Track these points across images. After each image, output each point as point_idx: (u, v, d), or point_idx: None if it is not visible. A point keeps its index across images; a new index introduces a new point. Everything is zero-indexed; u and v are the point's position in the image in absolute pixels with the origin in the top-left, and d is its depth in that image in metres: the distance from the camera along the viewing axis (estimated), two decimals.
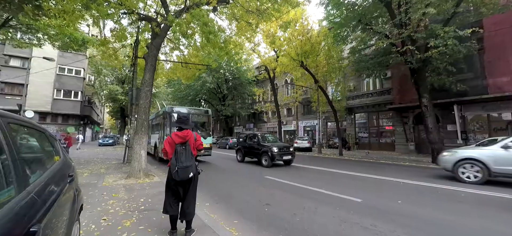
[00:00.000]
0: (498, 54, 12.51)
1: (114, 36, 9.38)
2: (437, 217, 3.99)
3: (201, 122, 12.78)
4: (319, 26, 17.50)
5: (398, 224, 3.70)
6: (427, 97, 11.48)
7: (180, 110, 11.41)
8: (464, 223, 3.75)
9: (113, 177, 7.27)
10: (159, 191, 5.27)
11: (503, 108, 13.21)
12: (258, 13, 9.31)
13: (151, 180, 6.67)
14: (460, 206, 4.59)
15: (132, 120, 9.78)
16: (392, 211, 4.32)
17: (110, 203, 4.53)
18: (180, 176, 2.96)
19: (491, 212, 4.26)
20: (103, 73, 27.26)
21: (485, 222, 3.79)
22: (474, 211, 4.32)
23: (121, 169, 8.90)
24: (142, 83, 7.58)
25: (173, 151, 3.08)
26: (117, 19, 8.29)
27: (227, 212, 4.33)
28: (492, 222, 3.80)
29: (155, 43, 7.98)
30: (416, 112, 16.18)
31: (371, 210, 4.37)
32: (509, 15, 11.78)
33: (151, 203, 4.55)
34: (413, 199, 5.16)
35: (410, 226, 3.63)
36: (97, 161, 11.59)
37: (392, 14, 11.50)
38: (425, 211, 4.34)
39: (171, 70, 14.31)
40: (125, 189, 5.65)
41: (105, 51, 10.28)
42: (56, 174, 1.74)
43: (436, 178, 7.44)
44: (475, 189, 5.85)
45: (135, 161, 6.88)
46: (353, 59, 15.61)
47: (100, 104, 38.84)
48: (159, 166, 10.20)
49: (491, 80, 12.74)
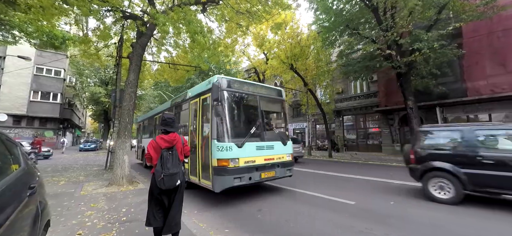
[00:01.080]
0: (476, 59, 13.13)
1: (97, 35, 8.91)
2: (429, 218, 3.96)
3: (270, 111, 6.59)
4: (309, 30, 17.66)
5: (393, 227, 3.64)
6: (412, 100, 11.80)
7: (236, 83, 5.52)
8: (455, 222, 3.74)
9: (93, 185, 6.79)
10: (143, 199, 4.93)
11: (481, 110, 13.87)
12: (248, 15, 9.17)
13: (135, 187, 6.27)
14: (449, 207, 4.62)
15: (115, 123, 9.25)
16: (386, 213, 4.26)
17: (87, 214, 4.14)
18: (166, 184, 2.70)
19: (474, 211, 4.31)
20: (85, 74, 26.02)
21: (478, 221, 3.80)
22: (461, 211, 4.35)
23: (103, 176, 8.37)
24: (126, 84, 7.18)
25: (158, 156, 2.82)
26: (100, 17, 7.86)
27: (217, 220, 4.09)
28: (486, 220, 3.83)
29: (140, 42, 7.62)
30: (402, 115, 16.64)
31: (365, 213, 4.29)
32: (486, 23, 12.41)
33: (134, 213, 4.22)
34: (404, 200, 5.15)
35: (404, 229, 3.56)
36: (76, 168, 10.89)
37: (379, 20, 11.77)
38: (418, 211, 4.31)
39: (158, 72, 13.85)
40: (106, 198, 5.24)
41: (87, 50, 9.74)
42: (10, 186, 1.45)
43: None
44: None
45: (118, 167, 6.46)
46: (341, 63, 15.87)
47: (82, 107, 37.07)
48: (143, 172, 9.72)
49: (469, 84, 13.33)
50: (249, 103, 5.76)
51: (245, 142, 4.90)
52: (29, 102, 23.64)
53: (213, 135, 4.78)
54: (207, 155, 4.96)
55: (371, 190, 6.23)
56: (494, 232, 3.50)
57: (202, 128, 5.40)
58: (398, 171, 9.48)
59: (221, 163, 4.60)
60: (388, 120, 17.91)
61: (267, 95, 6.00)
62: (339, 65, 16.19)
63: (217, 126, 4.80)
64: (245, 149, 4.87)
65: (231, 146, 4.71)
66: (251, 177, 4.92)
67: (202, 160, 5.22)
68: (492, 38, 12.63)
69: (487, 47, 12.76)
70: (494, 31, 12.57)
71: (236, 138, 4.90)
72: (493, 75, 12.48)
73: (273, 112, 6.96)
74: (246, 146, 4.90)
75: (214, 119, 4.84)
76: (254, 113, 5.70)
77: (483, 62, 12.88)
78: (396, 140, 17.46)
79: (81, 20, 11.53)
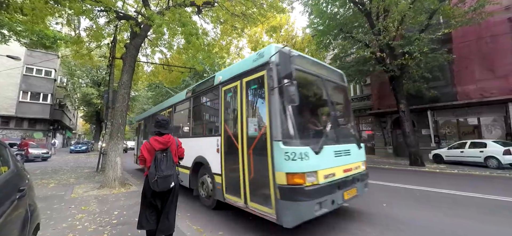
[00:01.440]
0: (465, 64, 13.50)
1: (90, 35, 8.78)
2: (421, 218, 4.04)
3: (337, 101, 4.64)
4: (303, 33, 17.86)
5: (386, 227, 3.69)
6: (404, 103, 12.05)
7: (302, 59, 3.90)
8: (443, 222, 3.82)
9: (84, 187, 6.65)
10: (136, 202, 4.86)
11: (470, 114, 14.24)
12: (243, 17, 9.21)
13: (127, 190, 6.18)
14: (438, 207, 4.72)
15: (108, 124, 9.11)
16: (378, 214, 4.32)
17: (78, 217, 4.06)
18: (160, 186, 2.68)
19: (465, 211, 4.41)
20: (77, 75, 25.55)
21: (463, 220, 3.89)
22: (452, 212, 4.44)
23: (94, 178, 8.21)
24: (119, 85, 7.10)
25: (152, 158, 2.80)
26: (93, 17, 7.77)
27: (211, 222, 4.06)
28: (469, 219, 3.92)
29: (134, 43, 7.56)
30: (394, 118, 16.92)
31: (358, 215, 4.34)
32: (474, 29, 12.80)
33: (126, 215, 4.15)
34: (396, 201, 5.23)
35: (397, 229, 3.62)
36: (66, 170, 10.66)
37: (372, 24, 11.99)
38: (409, 213, 4.39)
39: (152, 73, 13.72)
40: (97, 201, 5.14)
41: (78, 50, 9.58)
42: (0, 188, 1.42)
43: (415, 180, 7.71)
44: (451, 190, 6.10)
45: (110, 169, 6.35)
46: (335, 66, 16.06)
47: (73, 108, 36.35)
48: (136, 174, 9.59)
49: (459, 88, 13.67)
50: (316, 90, 4.19)
51: (322, 144, 3.29)
52: (18, 103, 23.03)
53: (275, 134, 3.13)
54: (261, 166, 3.33)
55: None
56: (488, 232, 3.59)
57: (247, 124, 3.71)
58: (389, 173, 9.63)
59: (293, 180, 2.94)
60: (381, 123, 18.18)
61: (333, 80, 4.41)
62: None
63: (281, 120, 3.13)
64: (322, 156, 3.25)
65: (307, 152, 3.06)
66: (334, 200, 3.29)
67: (251, 173, 3.53)
68: (480, 43, 13.01)
69: (476, 53, 13.14)
70: (482, 37, 12.96)
71: (308, 139, 3.40)
72: (482, 80, 12.85)
73: (339, 103, 4.68)
74: (323, 152, 3.28)
75: (276, 110, 3.17)
76: (323, 104, 4.27)
77: (472, 67, 13.25)
78: (389, 143, 17.73)
79: (73, 20, 11.36)
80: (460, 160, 11.69)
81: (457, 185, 6.94)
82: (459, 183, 7.33)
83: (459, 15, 10.72)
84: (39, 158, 15.22)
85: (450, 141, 14.24)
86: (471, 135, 14.13)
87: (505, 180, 7.85)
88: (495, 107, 13.18)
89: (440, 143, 14.96)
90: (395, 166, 11.86)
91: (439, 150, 13.06)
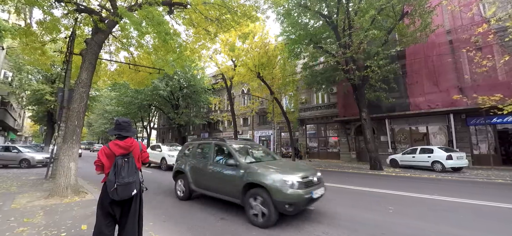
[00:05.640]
0: (416, 78, 15.24)
1: (43, 28, 7.86)
2: (376, 218, 4.39)
3: None
4: (276, 41, 18.37)
5: (348, 229, 3.92)
6: (366, 112, 13.08)
7: None
8: (396, 222, 4.22)
9: (28, 196, 5.85)
10: (92, 212, 4.43)
11: (420, 123, 16.06)
12: (217, 23, 9.15)
13: (82, 198, 5.60)
14: (397, 208, 5.18)
15: (61, 125, 8.19)
16: (343, 217, 4.57)
17: (18, 231, 3.54)
18: (120, 194, 2.48)
19: (410, 210, 4.93)
20: (26, 70, 22.56)
21: (407, 218, 4.34)
22: (409, 211, 4.92)
23: (42, 186, 7.28)
24: (77, 84, 6.45)
25: (111, 164, 2.59)
26: (47, 8, 6.98)
27: (177, 231, 3.89)
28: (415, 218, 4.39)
29: (97, 39, 6.98)
30: (357, 125, 18.23)
31: (323, 217, 4.54)
32: (423, 47, 14.57)
33: (80, 227, 3.75)
34: (360, 204, 5.61)
35: (358, 231, 3.87)
36: (8, 176, 9.28)
37: (338, 36, 12.87)
38: (372, 214, 4.74)
39: (116, 72, 12.73)
40: (44, 212, 4.56)
41: (28, 43, 8.49)
42: None
43: (374, 183, 8.37)
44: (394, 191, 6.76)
45: (61, 175, 5.69)
46: (305, 74, 16.83)
47: (19, 107, 31.93)
48: (92, 180, 8.74)
49: (411, 100, 15.34)
50: None
51: None
52: None
53: None
54: None
55: (330, 196, 6.61)
56: None
57: None
58: (353, 177, 10.31)
59: None
60: (346, 130, 19.44)
61: None
62: (303, 76, 17.13)
63: None
64: None
65: None
66: None
67: None
68: (428, 61, 14.83)
69: (425, 69, 14.93)
70: (429, 55, 14.79)
71: None
72: (429, 93, 14.60)
73: None
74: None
75: None
76: None
77: (422, 81, 15.00)
78: (353, 148, 18.99)
79: (23, 8, 10.07)
80: (412, 164, 13.00)
81: (409, 187, 7.71)
82: (410, 185, 8.17)
83: (409, 34, 12.09)
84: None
85: (404, 147, 15.81)
86: (421, 141, 15.89)
87: (447, 182, 8.95)
88: (439, 118, 15.07)
89: (396, 149, 16.52)
90: (358, 170, 12.73)
91: (395, 155, 14.39)
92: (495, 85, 11.66)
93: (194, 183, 5.59)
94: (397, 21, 11.56)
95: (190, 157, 6.10)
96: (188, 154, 6.32)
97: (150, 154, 13.06)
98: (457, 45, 13.45)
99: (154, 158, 13.52)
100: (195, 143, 6.43)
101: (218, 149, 5.54)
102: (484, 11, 13.46)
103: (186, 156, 6.30)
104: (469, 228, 4.04)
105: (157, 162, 13.45)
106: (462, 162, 11.40)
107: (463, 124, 14.29)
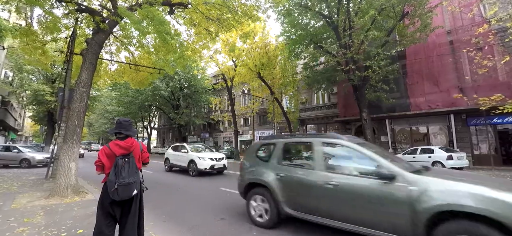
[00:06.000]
0: (417, 78, 15.22)
1: (43, 28, 7.87)
2: None
3: None
4: (276, 41, 18.38)
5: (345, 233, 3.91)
6: (366, 112, 13.06)
7: None
8: None
9: (28, 196, 5.85)
10: (92, 212, 4.43)
11: (421, 123, 16.04)
12: (218, 22, 9.15)
13: (82, 198, 5.60)
14: None
15: (62, 125, 8.19)
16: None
17: (18, 231, 3.54)
18: (120, 195, 2.47)
19: None
20: (26, 70, 22.56)
21: None
22: None
23: (42, 186, 7.29)
24: (77, 83, 6.45)
25: (111, 164, 2.58)
26: (48, 8, 6.99)
27: (177, 231, 3.88)
28: None
29: (97, 39, 6.98)
30: (357, 125, 18.21)
31: None
32: (424, 48, 14.56)
33: (80, 228, 3.76)
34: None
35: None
36: (8, 176, 9.29)
37: (338, 37, 12.86)
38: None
39: (117, 72, 12.73)
40: (45, 212, 4.56)
41: (29, 43, 8.49)
42: None
43: None
44: None
45: (62, 175, 5.69)
46: (305, 74, 16.82)
47: (20, 107, 31.96)
48: (93, 180, 8.74)
49: (412, 100, 15.33)
50: None
51: None
52: None
53: None
54: None
55: None
56: None
57: None
58: None
59: None
60: (346, 130, 19.42)
61: None
62: (304, 77, 17.13)
63: None
64: None
65: None
66: None
67: None
68: (428, 61, 14.81)
69: (425, 69, 14.91)
70: (430, 56, 14.78)
71: None
72: (430, 93, 14.59)
73: None
74: None
75: None
76: None
77: (422, 81, 14.99)
78: None
79: (24, 8, 10.08)
80: None
81: None
82: None
83: (409, 34, 12.08)
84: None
85: (405, 147, 15.80)
86: (421, 142, 15.87)
87: None
88: (440, 118, 15.04)
89: (396, 149, 16.50)
90: None
91: (396, 155, 14.35)
92: (496, 85, 11.64)
93: (288, 203, 3.71)
94: (397, 22, 11.55)
95: (273, 162, 4.15)
96: (264, 158, 4.50)
97: (173, 156, 12.17)
98: (458, 45, 13.44)
99: (177, 161, 11.79)
100: (278, 141, 4.35)
101: (330, 150, 3.84)
102: (484, 12, 13.45)
103: (263, 161, 4.42)
104: None
105: (183, 166, 11.33)
106: (463, 162, 11.39)
107: (463, 124, 14.27)
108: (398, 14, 11.51)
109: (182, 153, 11.65)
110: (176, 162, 11.88)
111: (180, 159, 11.60)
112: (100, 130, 50.66)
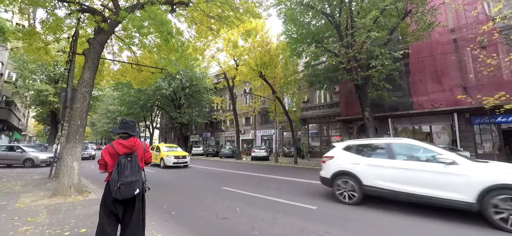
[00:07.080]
0: (420, 77, 15.09)
1: (46, 28, 7.90)
2: (381, 220, 4.36)
3: None
4: (278, 40, 18.32)
5: (350, 229, 3.89)
6: (369, 111, 12.96)
7: None
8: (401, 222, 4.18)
9: (32, 195, 5.89)
10: (95, 211, 4.44)
11: (424, 122, 15.91)
12: (219, 20, 9.14)
13: (85, 197, 5.63)
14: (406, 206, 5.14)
15: (64, 125, 8.24)
16: (345, 217, 4.54)
17: (22, 230, 3.57)
18: (123, 193, 2.47)
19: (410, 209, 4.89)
20: (29, 70, 22.72)
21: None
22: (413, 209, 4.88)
23: (45, 185, 7.33)
24: (80, 83, 6.48)
25: (114, 163, 2.59)
26: (50, 9, 7.02)
27: (179, 230, 3.88)
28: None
29: (99, 39, 7.01)
30: (360, 124, 18.12)
31: (326, 217, 4.52)
32: (427, 46, 14.42)
33: (83, 227, 3.77)
34: (361, 203, 5.57)
35: (360, 231, 3.84)
36: (12, 176, 9.37)
37: (340, 36, 12.78)
38: (374, 215, 4.71)
39: (119, 72, 12.78)
40: (48, 211, 4.59)
41: (32, 44, 8.53)
42: None
43: None
44: None
45: (65, 175, 5.73)
46: (307, 73, 16.75)
47: (24, 107, 32.21)
48: (95, 180, 8.80)
49: (415, 99, 15.21)
50: None
51: None
52: None
53: None
54: None
55: (332, 195, 6.58)
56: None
57: None
58: None
59: None
60: (348, 129, 19.34)
61: None
62: (305, 75, 17.06)
63: None
64: None
65: None
66: None
67: None
68: (431, 60, 14.68)
69: (428, 68, 14.78)
70: (433, 54, 14.64)
71: None
72: (433, 92, 14.46)
73: None
74: None
75: None
76: None
77: (425, 80, 14.86)
78: None
79: (27, 8, 10.12)
80: None
81: None
82: None
83: (412, 33, 11.96)
84: None
85: None
86: (424, 141, 15.74)
87: None
88: (443, 117, 14.91)
89: None
90: None
91: None
92: (500, 84, 11.50)
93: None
94: (400, 20, 11.44)
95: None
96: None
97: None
98: (461, 44, 13.29)
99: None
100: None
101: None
102: (488, 9, 13.30)
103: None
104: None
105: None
106: None
107: (467, 123, 14.14)
108: (401, 12, 11.41)
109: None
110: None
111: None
112: (102, 130, 50.94)
